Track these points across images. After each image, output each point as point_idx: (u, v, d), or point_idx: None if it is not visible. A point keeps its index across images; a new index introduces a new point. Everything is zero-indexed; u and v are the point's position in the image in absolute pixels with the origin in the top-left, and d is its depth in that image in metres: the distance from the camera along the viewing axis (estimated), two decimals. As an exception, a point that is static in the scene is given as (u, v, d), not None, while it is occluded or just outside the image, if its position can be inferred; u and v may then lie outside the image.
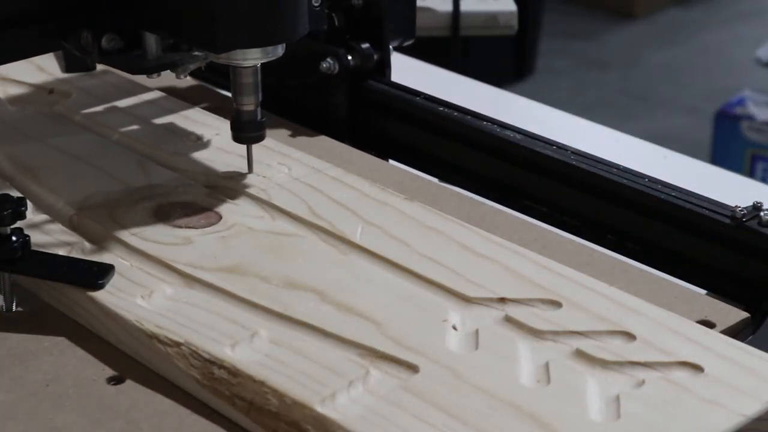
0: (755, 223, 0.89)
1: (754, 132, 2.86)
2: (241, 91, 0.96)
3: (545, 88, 3.52)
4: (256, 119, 0.97)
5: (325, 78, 1.10)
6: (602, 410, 0.72)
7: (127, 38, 0.94)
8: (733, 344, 0.79)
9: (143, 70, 0.96)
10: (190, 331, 0.79)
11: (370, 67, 1.10)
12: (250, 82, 0.95)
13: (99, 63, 0.97)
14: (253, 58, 0.93)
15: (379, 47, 1.11)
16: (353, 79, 1.10)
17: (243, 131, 0.98)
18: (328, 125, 1.11)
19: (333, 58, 1.09)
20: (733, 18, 4.07)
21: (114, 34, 0.94)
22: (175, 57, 0.95)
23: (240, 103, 0.96)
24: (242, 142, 0.98)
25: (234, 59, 0.93)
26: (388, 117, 1.11)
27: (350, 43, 1.10)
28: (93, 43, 0.94)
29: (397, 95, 1.10)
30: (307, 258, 0.87)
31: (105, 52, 0.94)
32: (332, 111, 1.11)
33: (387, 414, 0.72)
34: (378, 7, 1.09)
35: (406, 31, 1.13)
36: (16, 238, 0.83)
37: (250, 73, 0.95)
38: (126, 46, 0.94)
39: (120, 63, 0.96)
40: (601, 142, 1.29)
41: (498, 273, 0.86)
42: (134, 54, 0.95)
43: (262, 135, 0.98)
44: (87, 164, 1.01)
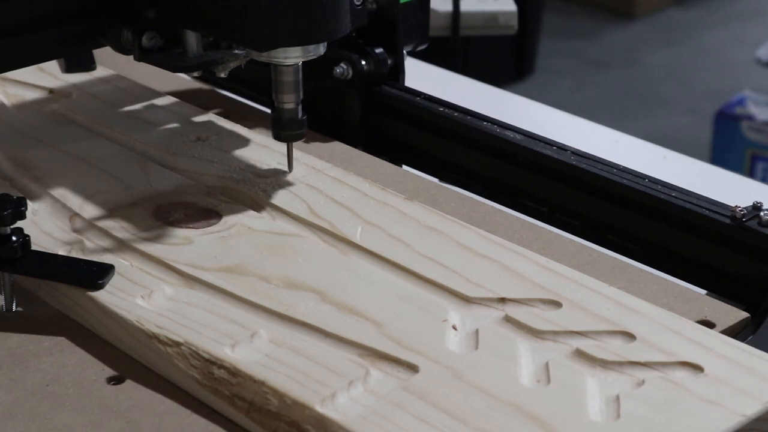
0: (755, 223, 0.89)
1: (754, 132, 2.86)
2: (282, 89, 0.95)
3: (545, 88, 3.52)
4: (297, 117, 0.97)
5: (338, 83, 1.09)
6: (602, 410, 0.72)
7: (167, 36, 0.94)
8: (733, 344, 0.79)
9: (184, 68, 0.96)
10: (190, 331, 0.79)
11: (384, 72, 1.10)
12: (291, 80, 0.95)
13: (139, 61, 0.96)
14: (294, 57, 0.92)
15: (393, 52, 1.10)
16: (367, 84, 1.09)
17: (284, 129, 0.97)
18: (342, 130, 1.11)
19: (347, 63, 1.08)
20: (733, 18, 4.07)
21: (154, 32, 0.94)
22: (216, 55, 0.95)
23: (281, 101, 0.96)
24: (283, 140, 0.98)
25: (275, 57, 0.92)
26: (402, 122, 1.10)
27: (364, 48, 1.09)
28: (133, 41, 0.94)
29: (412, 101, 1.09)
30: (307, 258, 0.87)
31: (145, 50, 0.94)
32: (346, 116, 1.11)
33: (387, 414, 0.72)
34: (392, 12, 1.08)
35: (419, 35, 1.12)
36: (16, 238, 0.83)
37: (291, 71, 0.95)
38: (166, 44, 0.94)
39: (160, 61, 0.96)
40: (601, 142, 1.29)
41: (498, 273, 0.86)
42: (174, 52, 0.95)
43: (302, 133, 0.98)
44: (87, 164, 1.01)
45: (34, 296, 0.87)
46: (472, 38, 1.82)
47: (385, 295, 0.83)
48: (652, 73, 3.71)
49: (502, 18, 1.59)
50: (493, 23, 1.60)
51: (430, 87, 1.12)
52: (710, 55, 3.83)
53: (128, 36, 0.95)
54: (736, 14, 4.09)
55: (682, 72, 3.71)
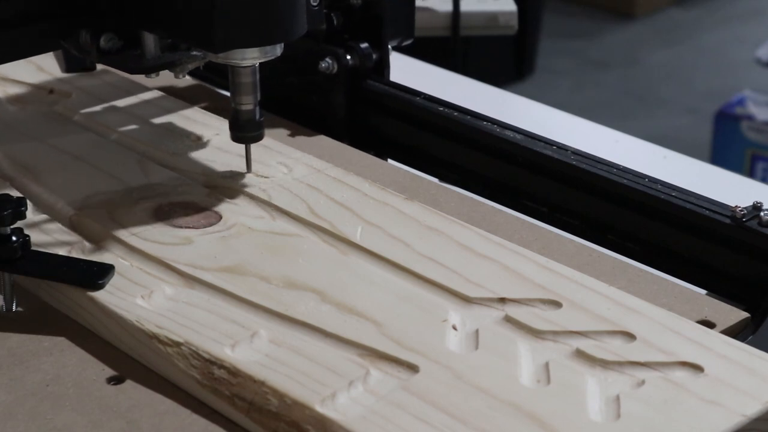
0: (755, 223, 0.89)
1: (754, 132, 2.86)
2: (240, 90, 0.96)
3: (545, 88, 3.52)
4: (255, 118, 0.97)
5: (324, 77, 1.10)
6: (602, 410, 0.72)
7: (125, 38, 0.94)
8: (733, 344, 0.79)
9: (142, 69, 0.96)
10: (190, 331, 0.79)
11: (369, 67, 1.10)
12: (249, 81, 0.95)
13: (97, 63, 0.97)
14: (251, 58, 0.93)
15: (378, 47, 1.11)
16: (352, 78, 1.10)
17: (242, 131, 0.97)
18: (327, 125, 1.11)
19: (332, 58, 1.09)
20: (732, 18, 4.07)
21: (112, 34, 0.94)
22: (174, 56, 0.95)
23: (238, 103, 0.96)
24: (241, 141, 0.98)
25: (232, 59, 0.93)
26: (387, 117, 1.11)
27: (349, 43, 1.10)
28: (91, 42, 0.94)
29: (396, 95, 1.10)
30: (307, 258, 0.87)
31: (103, 52, 0.94)
32: (331, 110, 1.11)
33: (387, 414, 0.72)
34: (377, 6, 1.09)
35: (405, 30, 1.13)
36: (16, 238, 0.83)
37: (249, 72, 0.95)
38: (124, 46, 0.94)
39: (118, 63, 0.96)
40: (601, 142, 1.29)
41: (498, 273, 0.86)
42: (133, 54, 0.95)
43: (260, 134, 0.98)
44: (87, 164, 1.01)
45: (34, 296, 0.87)
46: (472, 38, 1.81)
47: (385, 295, 0.83)
48: (652, 73, 3.71)
49: (502, 18, 1.59)
50: (493, 23, 1.60)
51: (431, 87, 1.12)
52: (710, 55, 3.83)
53: (86, 37, 0.94)
54: (736, 14, 4.09)
55: (682, 72, 3.71)
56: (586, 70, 3.73)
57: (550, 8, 3.82)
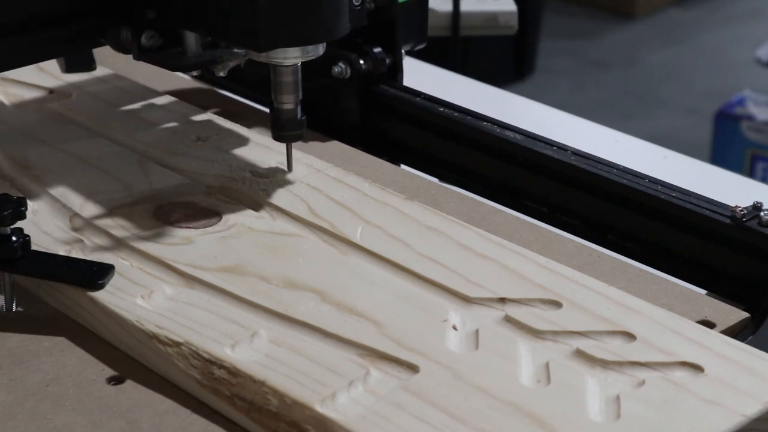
0: (755, 223, 0.89)
1: (754, 132, 2.86)
2: (281, 89, 0.95)
3: (545, 88, 3.52)
4: (296, 117, 0.96)
5: (337, 82, 1.09)
6: (602, 410, 0.72)
7: (166, 36, 0.94)
8: (733, 344, 0.79)
9: (183, 67, 0.97)
10: (190, 331, 0.79)
11: (382, 72, 1.10)
12: (290, 80, 0.95)
13: (138, 60, 0.96)
14: (293, 57, 0.92)
15: (391, 52, 1.10)
16: (365, 83, 1.09)
17: (283, 129, 0.97)
18: (340, 130, 1.11)
19: (345, 63, 1.08)
20: (732, 18, 4.07)
21: (153, 32, 0.94)
22: (215, 54, 0.95)
23: (280, 102, 0.96)
24: (282, 140, 0.98)
25: (274, 58, 0.92)
26: (401, 122, 1.10)
27: (362, 48, 1.09)
28: (132, 40, 0.94)
29: (410, 100, 1.09)
30: (307, 258, 0.87)
31: (144, 50, 0.95)
32: (344, 116, 1.11)
33: (387, 414, 0.72)
34: (390, 11, 1.08)
35: (418, 35, 1.12)
36: (16, 238, 0.83)
37: (290, 71, 0.95)
38: (165, 44, 0.95)
39: (159, 60, 0.96)
40: (601, 142, 1.29)
41: (498, 273, 0.86)
42: (174, 51, 0.95)
43: (301, 134, 0.98)
44: (87, 164, 1.01)
45: (34, 296, 0.87)
46: (472, 38, 1.81)
47: (385, 295, 0.83)
48: (652, 73, 3.71)
49: (502, 18, 1.59)
50: (493, 23, 1.60)
51: (430, 87, 1.12)
52: (710, 55, 3.83)
53: (127, 35, 0.95)
54: (736, 14, 4.10)
55: (682, 72, 3.71)
56: (586, 70, 3.73)
57: (550, 8, 3.82)
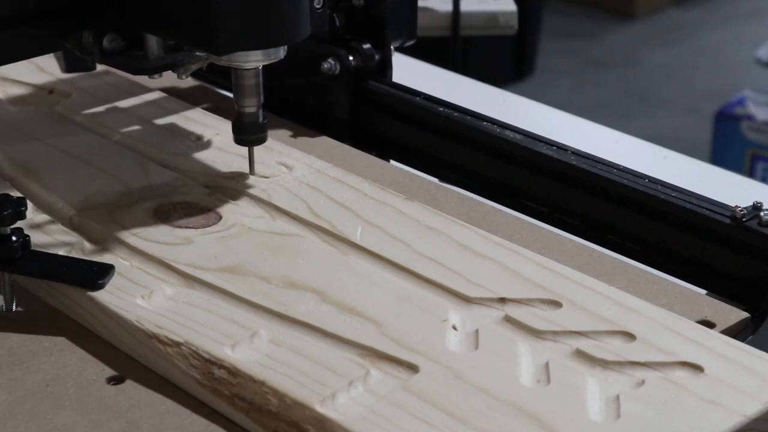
0: (755, 223, 0.89)
1: (754, 132, 2.86)
2: (243, 92, 0.96)
3: (545, 88, 3.52)
4: (258, 121, 0.97)
5: (326, 78, 1.10)
6: (602, 410, 0.72)
7: (128, 38, 0.94)
8: (733, 344, 0.79)
9: (144, 70, 0.96)
10: (190, 331, 0.79)
11: (371, 68, 1.10)
12: (252, 83, 0.95)
13: (100, 63, 0.97)
14: (254, 60, 0.93)
15: (381, 48, 1.10)
16: (354, 79, 1.10)
17: (245, 133, 0.97)
18: (330, 126, 1.11)
19: (334, 59, 1.09)
20: (732, 18, 4.07)
21: (115, 35, 0.94)
22: (177, 57, 0.95)
23: (242, 105, 0.96)
24: (244, 144, 0.98)
25: (235, 61, 0.93)
26: (390, 118, 1.11)
27: (351, 44, 1.10)
28: (94, 43, 0.94)
29: (399, 96, 1.10)
30: (307, 258, 0.87)
31: (106, 53, 0.94)
32: (333, 111, 1.11)
33: (387, 414, 0.72)
34: (379, 7, 1.09)
35: (407, 31, 1.12)
36: (16, 238, 0.83)
37: (252, 75, 0.95)
38: (127, 47, 0.94)
39: (121, 63, 0.96)
40: (601, 142, 1.29)
41: (498, 273, 0.86)
42: (135, 54, 0.94)
43: (263, 137, 0.98)
44: (87, 164, 1.01)
45: (34, 296, 0.87)
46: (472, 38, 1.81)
47: (385, 295, 0.83)
48: (652, 73, 3.71)
49: (502, 18, 1.59)
50: (493, 23, 1.60)
51: (430, 87, 1.12)
52: (710, 55, 3.83)
53: (89, 38, 0.94)
54: (736, 14, 4.10)
55: (682, 72, 3.72)
56: (586, 70, 3.73)
57: (550, 8, 3.82)
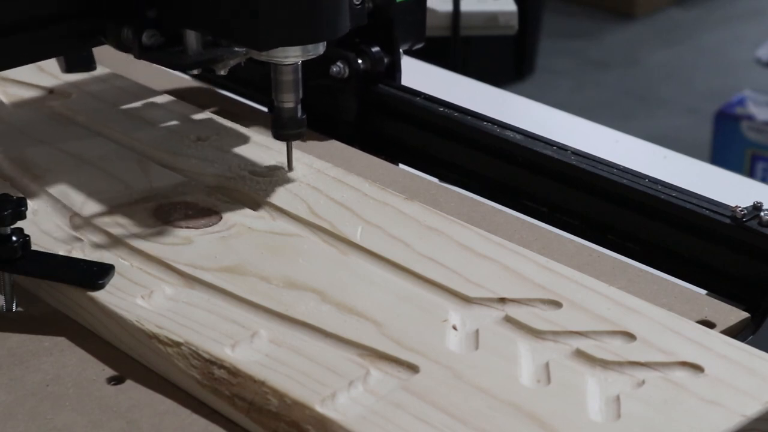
0: (755, 223, 0.89)
1: (754, 132, 2.86)
2: (282, 88, 0.96)
3: (545, 88, 3.52)
4: (297, 116, 0.97)
5: (335, 82, 1.09)
6: (602, 410, 0.72)
7: (167, 34, 0.95)
8: (733, 344, 0.79)
9: (184, 66, 0.97)
10: (190, 331, 0.79)
11: (380, 71, 1.10)
12: (291, 79, 0.95)
13: (139, 59, 0.97)
14: (294, 56, 0.93)
15: (390, 51, 1.10)
16: (364, 82, 1.09)
17: (283, 128, 0.97)
18: (338, 129, 1.11)
19: (343, 62, 1.08)
20: (732, 18, 4.07)
21: (155, 30, 0.94)
22: (216, 53, 0.95)
23: (280, 101, 0.96)
24: (282, 139, 0.98)
25: (275, 57, 0.93)
26: (399, 121, 1.10)
27: (360, 47, 1.09)
28: (134, 39, 0.95)
29: (409, 99, 1.09)
30: (307, 258, 0.87)
31: (145, 48, 0.95)
32: (342, 115, 1.11)
33: (387, 414, 0.72)
34: (388, 10, 1.08)
35: (416, 34, 1.12)
36: (16, 238, 0.83)
37: (291, 70, 0.95)
38: (166, 42, 0.95)
39: (160, 59, 0.96)
40: (601, 142, 1.29)
41: (498, 273, 0.86)
42: (175, 50, 0.95)
43: (302, 132, 0.98)
44: (87, 164, 1.01)
45: (34, 296, 0.87)
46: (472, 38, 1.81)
47: (385, 295, 0.83)
48: (652, 73, 3.71)
49: (502, 18, 1.59)
50: (493, 23, 1.60)
51: (430, 87, 1.12)
52: (710, 55, 3.83)
53: (128, 34, 0.95)
54: (736, 14, 4.10)
55: (682, 72, 3.71)
56: (586, 70, 3.73)
57: (550, 8, 3.82)
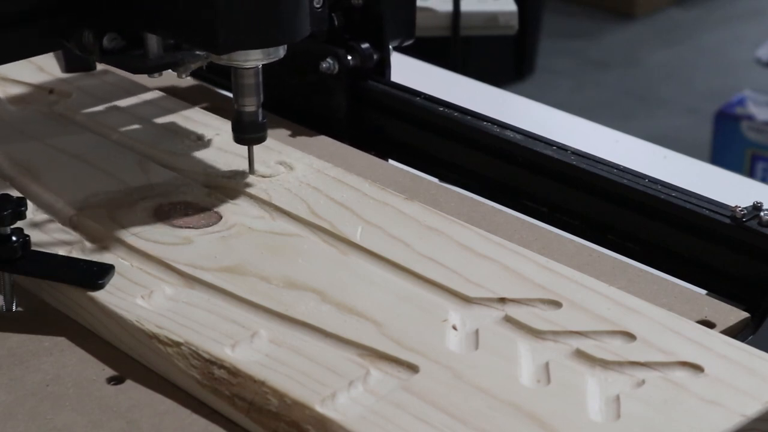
0: (755, 223, 0.89)
1: (754, 132, 2.86)
2: (243, 92, 0.96)
3: (545, 88, 3.52)
4: (258, 120, 0.97)
5: (324, 78, 1.10)
6: (602, 410, 0.72)
7: (128, 38, 0.94)
8: (733, 344, 0.79)
9: (144, 69, 0.96)
10: (190, 331, 0.79)
11: (369, 67, 1.10)
12: (252, 83, 0.95)
13: (100, 62, 0.97)
14: (254, 59, 0.93)
15: (379, 47, 1.10)
16: (353, 79, 1.10)
17: (244, 132, 0.97)
18: (328, 125, 1.11)
19: (333, 58, 1.09)
20: (732, 18, 4.07)
21: (115, 34, 0.94)
22: (177, 56, 0.95)
23: (241, 104, 0.96)
24: (243, 143, 0.98)
25: (235, 60, 0.93)
26: (388, 117, 1.11)
27: (350, 43, 1.10)
28: (94, 42, 0.94)
29: (397, 95, 1.10)
30: (307, 258, 0.87)
31: (106, 52, 0.94)
32: (332, 111, 1.11)
33: (387, 414, 0.72)
34: (378, 7, 1.09)
35: (405, 31, 1.12)
36: (16, 238, 0.83)
37: (252, 74, 0.95)
38: (127, 46, 0.94)
39: (121, 62, 0.96)
40: (601, 142, 1.29)
41: (498, 273, 0.86)
42: (135, 53, 0.94)
43: (263, 136, 0.98)
44: (87, 164, 1.01)
45: (34, 296, 0.87)
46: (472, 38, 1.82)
47: (385, 295, 0.83)
48: (652, 73, 3.71)
49: (502, 18, 1.59)
50: (493, 23, 1.60)
51: (430, 87, 1.12)
52: (710, 55, 3.83)
53: (89, 37, 0.94)
54: (736, 14, 4.10)
55: (682, 72, 3.71)
56: (586, 70, 3.73)
57: (550, 8, 3.82)
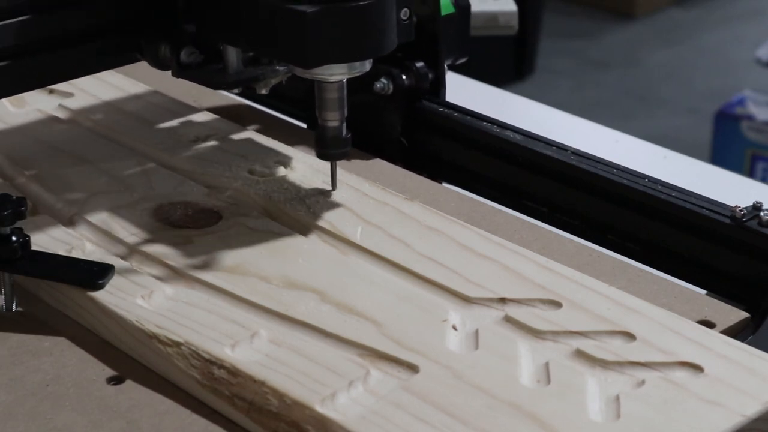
0: (755, 223, 0.89)
1: (754, 132, 2.86)
2: (326, 106, 0.92)
3: (545, 88, 3.52)
4: (341, 135, 0.93)
5: (379, 98, 1.06)
6: (602, 410, 0.72)
7: (206, 52, 0.92)
8: (733, 344, 0.79)
9: (223, 84, 0.94)
10: (190, 331, 0.79)
11: (424, 87, 1.06)
12: (335, 97, 0.92)
13: (177, 77, 0.93)
14: (339, 73, 0.90)
15: (434, 66, 1.07)
16: (408, 99, 1.06)
17: (327, 147, 0.94)
18: (382, 146, 1.08)
19: (387, 78, 1.05)
20: (732, 18, 4.07)
21: (193, 48, 0.92)
22: (257, 71, 0.92)
23: (324, 119, 0.92)
24: (326, 158, 0.95)
25: (320, 74, 0.89)
26: (444, 138, 1.07)
27: (404, 63, 1.06)
28: (172, 56, 0.92)
29: (453, 116, 1.06)
30: (307, 258, 0.87)
31: (184, 66, 0.92)
32: (386, 131, 1.08)
33: (387, 414, 0.72)
34: (432, 24, 1.05)
35: (460, 48, 1.09)
36: (16, 238, 0.83)
37: (336, 88, 0.91)
38: (205, 60, 0.92)
39: (199, 77, 0.93)
40: (601, 142, 1.29)
41: (498, 273, 0.86)
42: (214, 68, 0.92)
43: (346, 152, 0.94)
44: (87, 164, 1.01)
45: (34, 296, 0.87)
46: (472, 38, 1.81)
47: (385, 295, 0.83)
48: (652, 73, 3.71)
49: (502, 18, 1.59)
50: (493, 23, 1.60)
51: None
52: (710, 55, 3.83)
53: (166, 51, 0.92)
54: (736, 14, 4.09)
55: (682, 72, 3.71)
56: (586, 70, 3.73)
57: (550, 8, 3.81)
